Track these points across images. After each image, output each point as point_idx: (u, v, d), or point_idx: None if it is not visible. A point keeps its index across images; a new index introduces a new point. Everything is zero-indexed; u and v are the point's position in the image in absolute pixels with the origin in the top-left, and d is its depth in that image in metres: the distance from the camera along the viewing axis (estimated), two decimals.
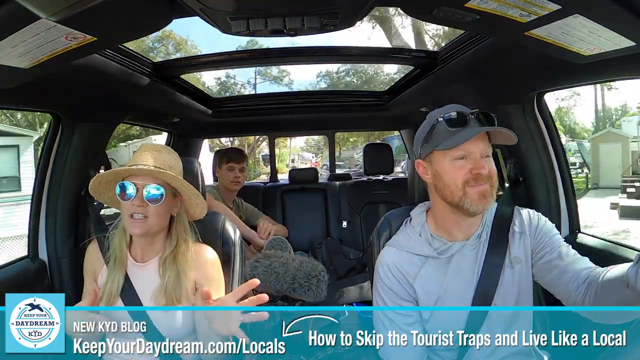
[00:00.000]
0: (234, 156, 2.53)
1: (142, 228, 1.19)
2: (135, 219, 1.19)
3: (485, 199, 1.08)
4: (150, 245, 1.27)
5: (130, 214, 1.19)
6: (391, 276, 1.16)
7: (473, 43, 1.52)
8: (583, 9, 0.90)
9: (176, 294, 1.22)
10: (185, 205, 1.30)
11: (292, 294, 1.75)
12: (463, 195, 1.08)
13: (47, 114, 1.71)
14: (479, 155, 1.08)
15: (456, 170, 1.09)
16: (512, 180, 1.74)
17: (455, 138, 1.08)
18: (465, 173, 1.08)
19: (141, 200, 1.18)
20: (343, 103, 3.04)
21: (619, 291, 0.93)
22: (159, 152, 1.26)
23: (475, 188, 1.07)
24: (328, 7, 1.05)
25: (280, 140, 20.25)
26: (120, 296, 1.23)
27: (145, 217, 1.19)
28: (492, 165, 1.10)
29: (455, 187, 1.09)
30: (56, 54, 1.04)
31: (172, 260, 1.24)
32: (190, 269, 1.25)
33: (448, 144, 1.08)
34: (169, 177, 1.20)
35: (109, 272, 1.25)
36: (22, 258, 1.65)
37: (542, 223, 1.17)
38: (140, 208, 1.18)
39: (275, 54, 2.13)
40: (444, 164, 1.10)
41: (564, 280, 1.07)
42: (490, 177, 1.08)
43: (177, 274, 1.23)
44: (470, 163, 1.08)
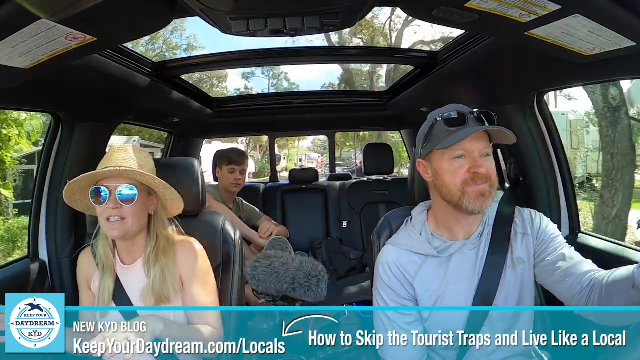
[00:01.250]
0: (235, 158, 2.49)
1: (119, 230, 1.19)
2: (112, 221, 1.19)
3: (484, 198, 1.08)
4: (133, 247, 1.27)
5: (106, 217, 1.19)
6: (391, 274, 1.16)
7: (473, 43, 1.52)
8: (583, 9, 0.90)
9: (164, 292, 1.23)
10: (162, 202, 1.30)
11: (292, 294, 1.75)
12: (462, 194, 1.08)
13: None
14: (477, 154, 1.08)
15: (455, 169, 1.09)
16: (513, 180, 1.74)
17: (453, 137, 1.08)
18: (464, 172, 1.08)
19: (115, 202, 1.18)
20: (343, 103, 3.04)
21: (625, 292, 0.93)
22: (127, 152, 1.25)
23: (473, 187, 1.07)
24: (328, 7, 1.05)
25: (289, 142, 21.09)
26: (113, 300, 1.24)
27: (122, 218, 1.19)
28: (491, 164, 1.10)
29: (454, 186, 1.09)
30: (56, 54, 1.04)
31: (155, 258, 1.25)
32: (174, 265, 1.26)
33: (446, 143, 1.09)
34: (138, 175, 1.20)
35: (100, 280, 1.26)
36: (22, 258, 1.65)
37: (544, 224, 1.17)
38: (116, 210, 1.18)
39: (275, 54, 2.13)
40: (443, 163, 1.11)
41: (568, 283, 1.06)
42: (489, 177, 1.08)
43: (162, 272, 1.24)
44: (469, 162, 1.08)
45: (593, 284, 1.02)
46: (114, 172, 1.18)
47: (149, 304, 1.23)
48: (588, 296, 1.02)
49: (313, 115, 3.06)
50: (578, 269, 1.07)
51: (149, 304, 1.23)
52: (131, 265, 1.28)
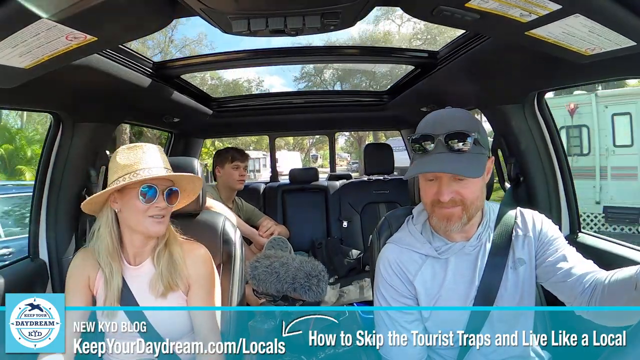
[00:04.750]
0: (238, 155, 2.55)
1: (162, 226, 1.23)
2: (157, 219, 1.22)
3: (449, 222, 1.08)
4: (145, 247, 1.27)
5: (150, 215, 1.21)
6: (392, 272, 1.16)
7: (473, 43, 1.51)
8: (583, 9, 0.90)
9: (172, 278, 1.24)
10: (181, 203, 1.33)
11: (293, 294, 1.75)
12: (431, 212, 1.11)
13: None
14: (446, 179, 1.06)
15: (426, 189, 1.11)
16: (513, 180, 1.74)
17: (415, 166, 1.09)
18: (432, 195, 1.09)
19: (162, 202, 1.22)
20: (343, 103, 3.04)
21: (627, 292, 0.93)
22: (161, 152, 1.27)
23: (440, 210, 1.08)
24: (329, 7, 1.05)
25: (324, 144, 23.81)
26: (119, 302, 1.23)
27: (163, 216, 1.23)
28: (465, 188, 1.06)
29: (426, 204, 1.12)
30: (57, 54, 1.04)
31: (164, 248, 1.27)
32: (183, 258, 1.28)
33: (410, 172, 1.11)
34: (196, 181, 1.29)
35: (107, 280, 1.23)
36: (22, 258, 1.65)
37: (546, 225, 1.16)
38: (163, 210, 1.22)
39: (275, 53, 2.13)
40: (420, 180, 1.13)
41: (569, 284, 1.06)
42: (459, 202, 1.07)
43: (171, 258, 1.26)
44: (438, 186, 1.07)
45: (595, 284, 1.02)
46: (183, 177, 1.27)
47: (158, 292, 1.23)
48: (590, 297, 1.02)
49: (313, 115, 3.06)
50: (579, 269, 1.06)
51: (158, 292, 1.23)
52: (138, 266, 1.27)
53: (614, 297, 0.97)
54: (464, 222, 1.09)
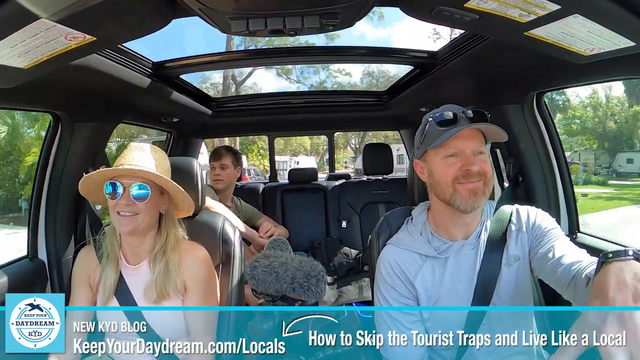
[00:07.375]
0: (212, 155, 2.59)
1: (129, 225, 1.21)
2: (123, 216, 1.21)
3: (475, 196, 1.08)
4: (140, 247, 1.28)
5: (117, 212, 1.21)
6: (393, 274, 1.16)
7: (472, 43, 1.52)
8: (583, 9, 0.90)
9: (165, 287, 1.24)
10: (173, 203, 1.32)
11: (292, 294, 1.75)
12: (453, 191, 1.09)
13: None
14: (469, 152, 1.09)
15: (447, 167, 1.10)
16: (512, 179, 1.74)
17: (443, 136, 1.09)
18: (456, 170, 1.09)
19: (128, 199, 1.21)
20: (343, 103, 3.03)
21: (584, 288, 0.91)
22: (144, 151, 1.27)
23: (465, 185, 1.08)
24: (328, 7, 1.05)
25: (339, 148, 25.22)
26: (115, 296, 1.24)
27: (135, 214, 1.21)
28: (486, 162, 1.10)
29: (446, 184, 1.10)
30: (56, 53, 1.04)
31: (162, 254, 1.26)
32: (180, 263, 1.27)
33: (437, 141, 1.10)
34: (152, 176, 1.22)
35: (102, 269, 1.26)
36: (22, 258, 1.65)
37: (539, 218, 1.16)
38: (128, 207, 1.21)
39: (275, 53, 2.13)
40: (436, 161, 1.12)
41: (558, 274, 1.03)
42: (483, 174, 1.08)
43: (166, 267, 1.25)
44: (461, 160, 1.09)
45: (575, 275, 0.98)
46: (130, 170, 1.21)
47: (151, 299, 1.24)
48: (575, 288, 0.97)
49: (312, 115, 3.06)
50: (567, 259, 1.03)
51: (151, 299, 1.24)
52: (136, 265, 1.28)
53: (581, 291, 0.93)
54: (485, 199, 1.10)
